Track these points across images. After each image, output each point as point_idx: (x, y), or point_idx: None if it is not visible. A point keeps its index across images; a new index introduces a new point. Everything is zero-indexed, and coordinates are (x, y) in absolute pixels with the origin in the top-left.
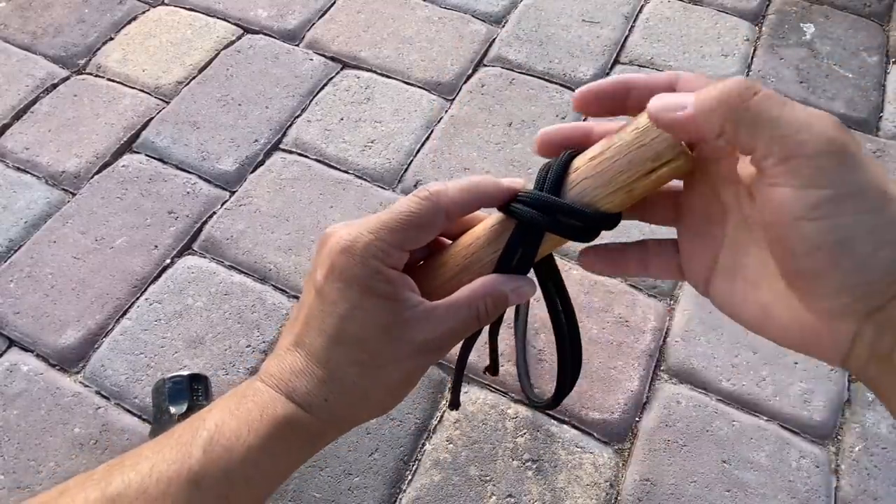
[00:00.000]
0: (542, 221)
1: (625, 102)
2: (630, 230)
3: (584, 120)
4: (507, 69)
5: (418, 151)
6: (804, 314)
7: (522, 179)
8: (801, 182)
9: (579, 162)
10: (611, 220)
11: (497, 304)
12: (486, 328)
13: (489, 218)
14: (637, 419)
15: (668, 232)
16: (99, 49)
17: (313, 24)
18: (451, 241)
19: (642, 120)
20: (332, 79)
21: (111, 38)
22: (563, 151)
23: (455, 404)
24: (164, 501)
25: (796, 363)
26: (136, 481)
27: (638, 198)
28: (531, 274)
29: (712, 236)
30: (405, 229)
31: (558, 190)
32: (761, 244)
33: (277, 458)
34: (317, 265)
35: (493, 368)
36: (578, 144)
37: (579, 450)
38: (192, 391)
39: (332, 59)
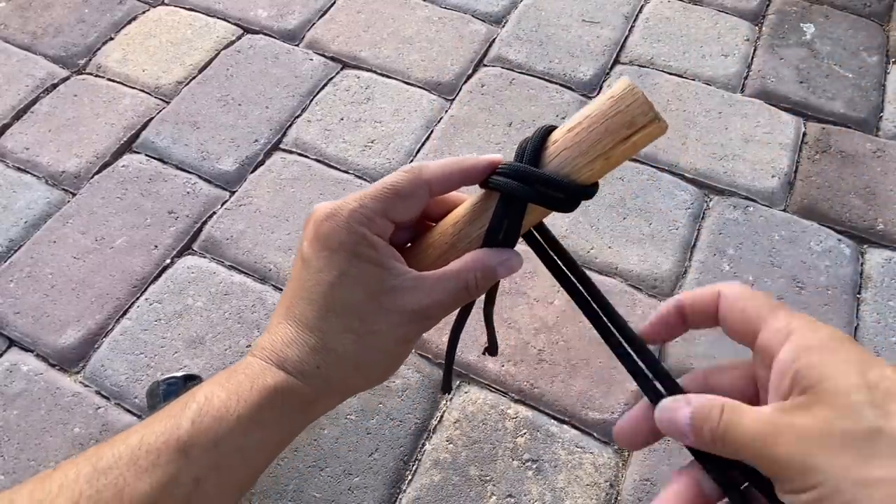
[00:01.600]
0: (522, 192)
1: (684, 322)
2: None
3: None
4: (507, 69)
5: (418, 151)
6: None
7: (500, 155)
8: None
9: (558, 134)
10: (588, 190)
11: (486, 277)
12: (482, 313)
13: (472, 196)
14: None
15: None
16: (99, 49)
17: (313, 24)
18: (436, 224)
19: (617, 89)
20: (332, 79)
21: (111, 38)
22: (542, 126)
23: (447, 387)
24: (153, 472)
25: None
26: (125, 454)
27: (615, 165)
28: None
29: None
30: (388, 198)
31: (536, 161)
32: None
33: (269, 427)
34: (303, 238)
35: (491, 349)
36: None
37: (579, 450)
38: (186, 391)
39: (332, 59)
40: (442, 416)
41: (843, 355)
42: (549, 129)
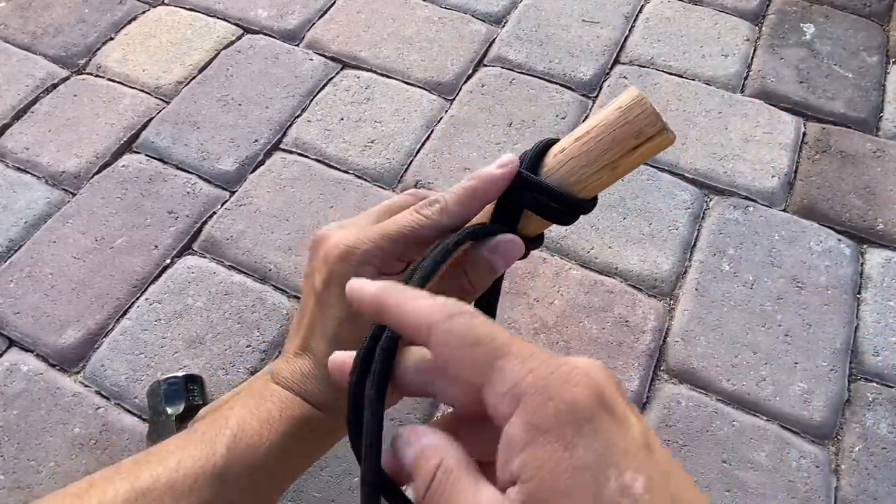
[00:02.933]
0: (519, 196)
1: None
2: None
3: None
4: (507, 69)
5: (418, 151)
6: None
7: (512, 157)
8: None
9: (565, 143)
10: (585, 205)
11: (476, 269)
12: None
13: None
14: None
15: None
16: (99, 49)
17: (313, 24)
18: None
19: (625, 98)
20: (332, 79)
21: (111, 38)
22: (543, 139)
23: None
24: (190, 496)
25: (796, 363)
26: (164, 476)
27: (622, 175)
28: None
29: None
30: (405, 242)
31: (535, 171)
32: None
33: (297, 453)
34: (314, 269)
35: None
36: None
37: None
38: (187, 391)
39: (332, 59)
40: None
41: (579, 454)
42: (550, 142)
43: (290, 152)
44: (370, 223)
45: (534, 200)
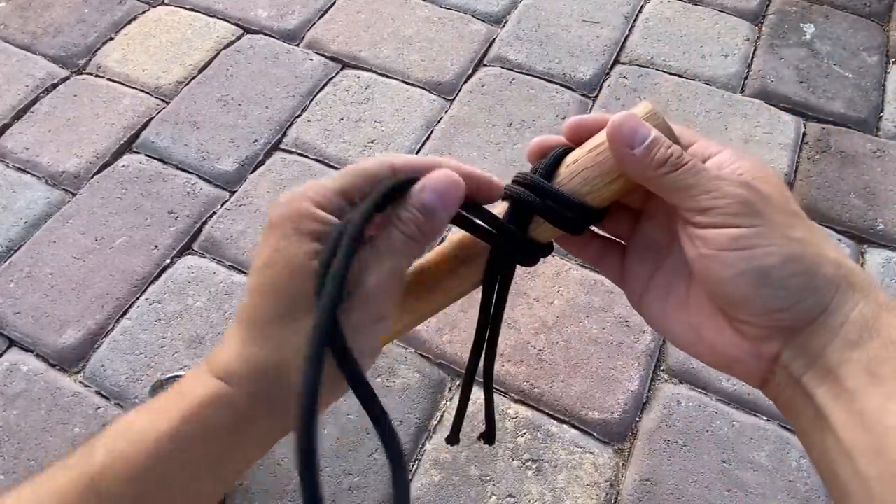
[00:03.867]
0: (533, 201)
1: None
2: None
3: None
4: (507, 69)
5: (418, 151)
6: (731, 336)
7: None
8: (720, 223)
9: (578, 153)
10: (597, 214)
11: (410, 213)
12: (483, 388)
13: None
14: (637, 419)
15: None
16: (99, 49)
17: (313, 24)
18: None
19: (639, 111)
20: (332, 79)
21: (111, 38)
22: (559, 147)
23: (454, 438)
24: None
25: None
26: (30, 501)
27: (634, 186)
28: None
29: (654, 258)
30: (346, 174)
31: (550, 177)
32: (693, 274)
33: (194, 446)
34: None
35: (488, 436)
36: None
37: (579, 450)
38: None
39: (332, 59)
40: (442, 416)
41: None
42: (567, 151)
43: (290, 152)
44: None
45: (546, 208)
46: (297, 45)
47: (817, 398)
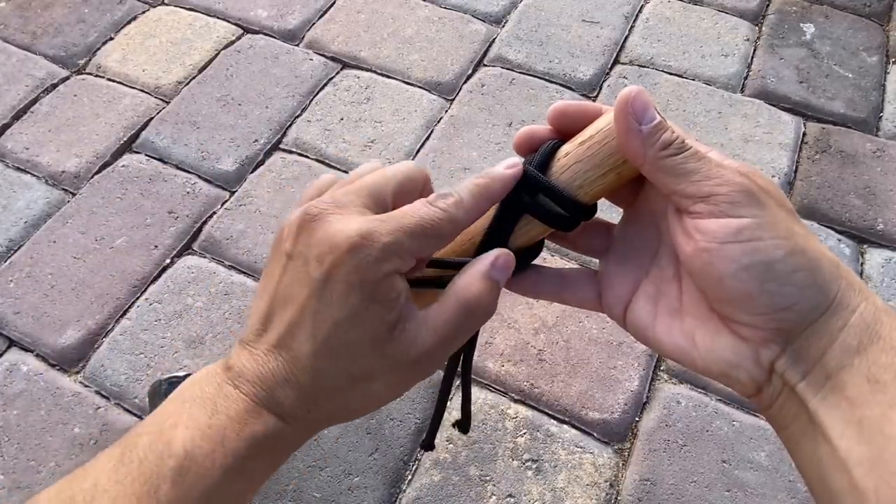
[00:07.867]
0: (522, 199)
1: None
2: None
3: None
4: (507, 69)
5: (418, 151)
6: (728, 341)
7: (518, 158)
8: (722, 213)
9: (569, 147)
10: (588, 210)
11: (481, 288)
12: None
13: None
14: (637, 419)
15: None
16: (99, 49)
17: (313, 24)
18: None
19: None
20: (332, 79)
21: (111, 38)
22: (549, 141)
23: (429, 444)
24: None
25: None
26: None
27: (626, 180)
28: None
29: (639, 265)
30: (425, 237)
31: (543, 171)
32: (686, 275)
33: (255, 473)
34: (309, 253)
35: (464, 423)
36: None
37: (579, 450)
38: None
39: (332, 59)
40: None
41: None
42: (558, 144)
43: (290, 152)
44: (363, 204)
45: (536, 205)
46: (297, 45)
47: (812, 406)
